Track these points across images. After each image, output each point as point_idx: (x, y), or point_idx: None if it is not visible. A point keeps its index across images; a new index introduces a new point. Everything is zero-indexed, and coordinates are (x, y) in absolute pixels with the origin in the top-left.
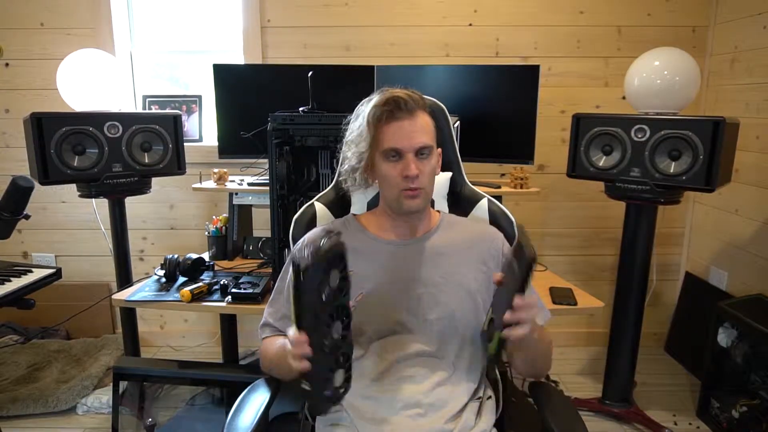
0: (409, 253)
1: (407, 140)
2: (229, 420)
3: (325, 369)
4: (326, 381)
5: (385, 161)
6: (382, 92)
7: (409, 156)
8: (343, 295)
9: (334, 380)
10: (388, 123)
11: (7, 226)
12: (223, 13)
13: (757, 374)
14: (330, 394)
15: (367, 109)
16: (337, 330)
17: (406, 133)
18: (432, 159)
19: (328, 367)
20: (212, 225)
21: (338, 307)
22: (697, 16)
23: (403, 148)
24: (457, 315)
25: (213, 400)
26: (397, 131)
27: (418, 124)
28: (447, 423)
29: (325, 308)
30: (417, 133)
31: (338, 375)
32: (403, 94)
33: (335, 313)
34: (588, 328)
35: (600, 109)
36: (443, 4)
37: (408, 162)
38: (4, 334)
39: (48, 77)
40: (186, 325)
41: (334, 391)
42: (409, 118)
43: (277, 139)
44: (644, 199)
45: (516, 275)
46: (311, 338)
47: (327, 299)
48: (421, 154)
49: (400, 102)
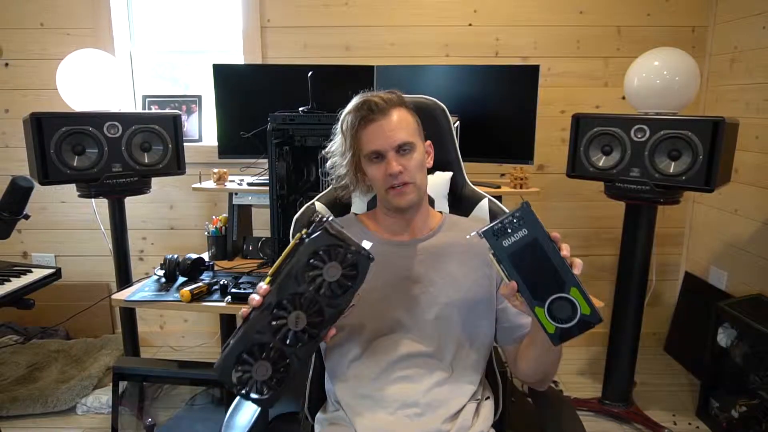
0: (409, 253)
1: (384, 140)
2: (228, 419)
3: (254, 335)
4: (244, 353)
5: (369, 164)
6: (357, 98)
7: (390, 155)
8: (329, 301)
9: (255, 367)
10: (364, 127)
11: (7, 226)
12: (223, 13)
13: (757, 374)
14: (237, 376)
15: (342, 117)
16: (299, 321)
17: (383, 132)
18: (415, 153)
19: (257, 339)
20: (212, 225)
21: (315, 302)
22: (696, 16)
23: (382, 148)
24: (456, 315)
25: (213, 400)
26: (373, 133)
27: (394, 122)
28: (444, 423)
29: (303, 281)
30: (394, 131)
31: (261, 366)
32: (375, 98)
33: (308, 304)
34: None
35: (600, 109)
36: (443, 4)
37: (389, 160)
38: (4, 334)
39: (48, 77)
40: (186, 325)
41: (243, 378)
42: (383, 117)
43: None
44: (644, 199)
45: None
46: (268, 296)
47: (311, 280)
48: (403, 150)
49: (371, 104)
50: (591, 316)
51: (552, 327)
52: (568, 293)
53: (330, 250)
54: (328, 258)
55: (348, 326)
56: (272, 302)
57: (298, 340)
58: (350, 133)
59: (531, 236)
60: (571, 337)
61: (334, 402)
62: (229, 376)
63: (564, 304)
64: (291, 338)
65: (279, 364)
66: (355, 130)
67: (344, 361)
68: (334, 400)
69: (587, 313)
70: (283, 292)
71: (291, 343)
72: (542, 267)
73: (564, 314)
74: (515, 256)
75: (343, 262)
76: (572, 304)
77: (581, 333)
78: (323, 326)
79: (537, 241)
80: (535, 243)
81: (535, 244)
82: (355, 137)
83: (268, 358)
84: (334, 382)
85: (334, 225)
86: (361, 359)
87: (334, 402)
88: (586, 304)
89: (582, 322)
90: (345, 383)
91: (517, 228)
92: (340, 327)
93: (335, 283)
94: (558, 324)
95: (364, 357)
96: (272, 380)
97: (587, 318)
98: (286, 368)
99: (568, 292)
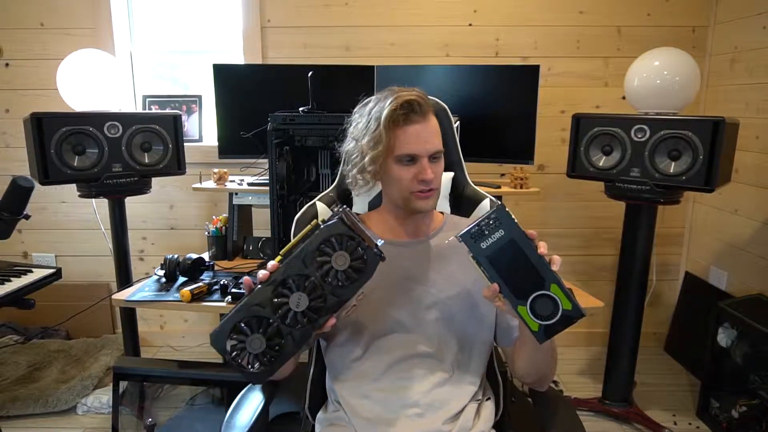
0: (411, 254)
1: (422, 145)
2: (227, 418)
3: (254, 306)
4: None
5: (397, 164)
6: (392, 92)
7: (424, 161)
8: (333, 289)
9: (249, 339)
10: (404, 127)
11: (7, 226)
12: (223, 13)
13: (757, 374)
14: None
15: (382, 111)
16: (300, 302)
17: (422, 138)
18: (442, 161)
19: (257, 311)
20: (212, 225)
21: (319, 287)
22: (697, 16)
23: (419, 153)
24: (457, 316)
25: (213, 400)
26: (412, 136)
27: (431, 128)
28: (445, 424)
29: (311, 264)
30: (431, 138)
31: (256, 339)
32: (416, 97)
33: (313, 287)
34: (588, 328)
35: (600, 109)
36: (443, 4)
37: (424, 167)
38: (4, 334)
39: (48, 77)
40: (186, 325)
41: (236, 347)
42: (422, 121)
43: (277, 139)
44: (644, 199)
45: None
46: (275, 273)
47: (320, 264)
48: (435, 158)
49: (414, 105)
50: (572, 311)
51: (536, 325)
52: (549, 290)
53: (342, 239)
54: (338, 246)
55: (349, 326)
56: (277, 279)
57: (296, 322)
58: (386, 128)
59: (508, 237)
60: (555, 333)
61: (335, 402)
62: (223, 342)
63: (546, 302)
64: (290, 318)
65: (274, 341)
66: (392, 127)
67: (345, 361)
68: (335, 400)
69: (568, 308)
70: (290, 271)
71: (290, 323)
72: (521, 266)
73: (546, 311)
74: (494, 257)
75: (353, 253)
76: (554, 300)
77: (565, 328)
78: (323, 312)
79: (514, 241)
80: (512, 243)
81: (513, 245)
82: (391, 134)
83: (265, 332)
84: (334, 381)
85: (351, 216)
86: (362, 359)
87: (335, 402)
88: (566, 300)
89: (564, 317)
90: (346, 383)
91: (493, 229)
92: (342, 327)
93: (342, 273)
94: (541, 321)
95: (365, 357)
96: (265, 356)
97: (569, 313)
98: (280, 347)
99: (548, 290)
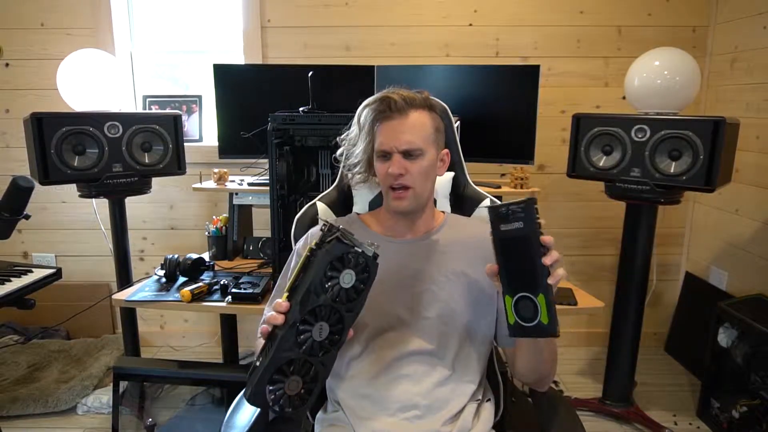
0: (411, 251)
1: (393, 141)
2: (228, 419)
3: (283, 354)
4: (273, 372)
5: (377, 160)
6: (382, 92)
7: (395, 156)
8: (347, 306)
9: (286, 384)
10: (381, 123)
11: (7, 226)
12: (223, 13)
13: (758, 374)
14: (272, 397)
15: (361, 109)
16: (323, 331)
17: (394, 133)
18: (423, 160)
19: (287, 357)
20: (212, 225)
21: (335, 310)
22: (697, 16)
23: (389, 148)
24: (457, 314)
25: (213, 400)
26: (385, 132)
27: (408, 125)
28: (444, 425)
29: (321, 292)
30: (404, 133)
31: (292, 381)
32: (396, 96)
33: (329, 313)
34: (588, 328)
35: (600, 109)
36: (443, 4)
37: (393, 161)
38: (4, 334)
39: (48, 77)
40: (186, 325)
41: (277, 396)
42: (399, 117)
43: (277, 139)
44: (644, 199)
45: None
46: (291, 314)
47: (329, 289)
48: (410, 155)
49: (390, 102)
50: (548, 326)
51: (513, 318)
52: (536, 298)
53: (344, 258)
54: (342, 266)
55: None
56: (296, 319)
57: (322, 349)
58: (367, 126)
59: (524, 231)
60: (524, 335)
61: (334, 402)
62: (263, 397)
63: (529, 305)
64: (315, 348)
65: (307, 375)
66: (371, 124)
67: (344, 360)
68: (334, 400)
69: (545, 322)
70: (306, 307)
71: (315, 353)
72: (523, 263)
73: (526, 314)
74: (505, 243)
75: (356, 266)
76: (536, 307)
77: (536, 337)
78: (344, 331)
79: (527, 239)
80: (525, 240)
81: (524, 241)
82: (371, 131)
83: (298, 372)
84: (333, 381)
85: (345, 232)
86: (360, 357)
87: (334, 402)
88: (546, 314)
89: (538, 327)
90: (344, 382)
91: (516, 218)
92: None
93: (351, 289)
94: (518, 319)
95: (364, 355)
96: (302, 391)
97: (544, 327)
98: (315, 377)
99: (535, 297)
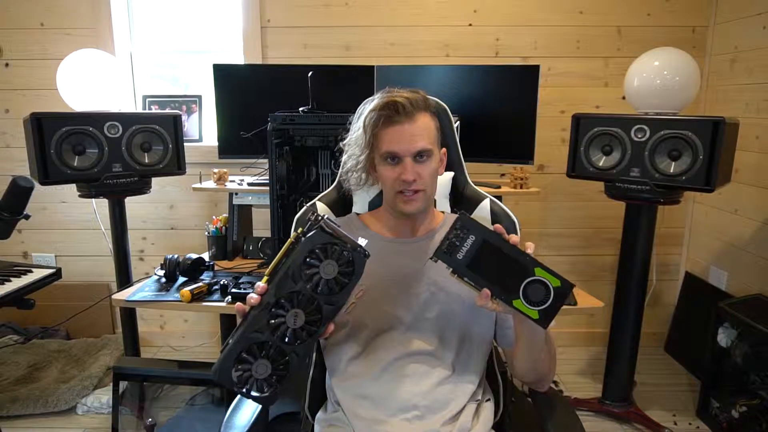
0: (411, 252)
1: (405, 144)
2: (227, 418)
3: (253, 334)
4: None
5: (383, 164)
6: (384, 93)
7: (407, 160)
8: (327, 299)
9: (254, 366)
10: (386, 127)
11: (7, 226)
12: (223, 13)
13: (757, 374)
14: (237, 375)
15: (365, 112)
16: (297, 319)
17: (405, 137)
18: (431, 162)
19: (256, 338)
20: (212, 225)
21: (313, 300)
22: (697, 16)
23: (401, 152)
24: (457, 314)
25: (213, 400)
26: (395, 135)
27: (418, 127)
28: (444, 425)
29: (300, 278)
30: (416, 137)
31: (260, 365)
32: (401, 99)
33: (306, 302)
34: (588, 328)
35: (600, 109)
36: (443, 4)
37: (406, 166)
38: (4, 334)
39: (48, 77)
40: (186, 325)
41: (243, 377)
42: (408, 121)
43: (277, 139)
44: (644, 199)
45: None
46: (266, 296)
47: (308, 277)
48: (420, 158)
49: (398, 106)
50: (562, 286)
51: (535, 312)
52: (535, 275)
53: (326, 248)
54: (324, 256)
55: (349, 324)
56: (270, 301)
57: (296, 338)
58: (371, 130)
59: (480, 239)
60: (554, 313)
61: (334, 402)
62: (228, 375)
63: (536, 287)
64: (290, 336)
65: (278, 361)
66: (377, 128)
67: (343, 360)
68: (334, 400)
69: (558, 285)
70: (281, 290)
71: (290, 341)
72: (502, 262)
73: (540, 296)
74: (473, 263)
75: (339, 259)
76: (543, 283)
77: (562, 305)
78: (321, 323)
79: (487, 242)
80: (486, 244)
81: (487, 245)
82: (375, 135)
83: (268, 356)
84: (333, 381)
85: (330, 223)
86: (360, 357)
87: (334, 402)
88: (554, 278)
89: (557, 295)
90: (344, 382)
91: (464, 238)
92: (342, 325)
93: (332, 281)
94: (538, 308)
95: (364, 355)
96: (272, 378)
97: (560, 290)
98: (286, 366)
99: (534, 275)
